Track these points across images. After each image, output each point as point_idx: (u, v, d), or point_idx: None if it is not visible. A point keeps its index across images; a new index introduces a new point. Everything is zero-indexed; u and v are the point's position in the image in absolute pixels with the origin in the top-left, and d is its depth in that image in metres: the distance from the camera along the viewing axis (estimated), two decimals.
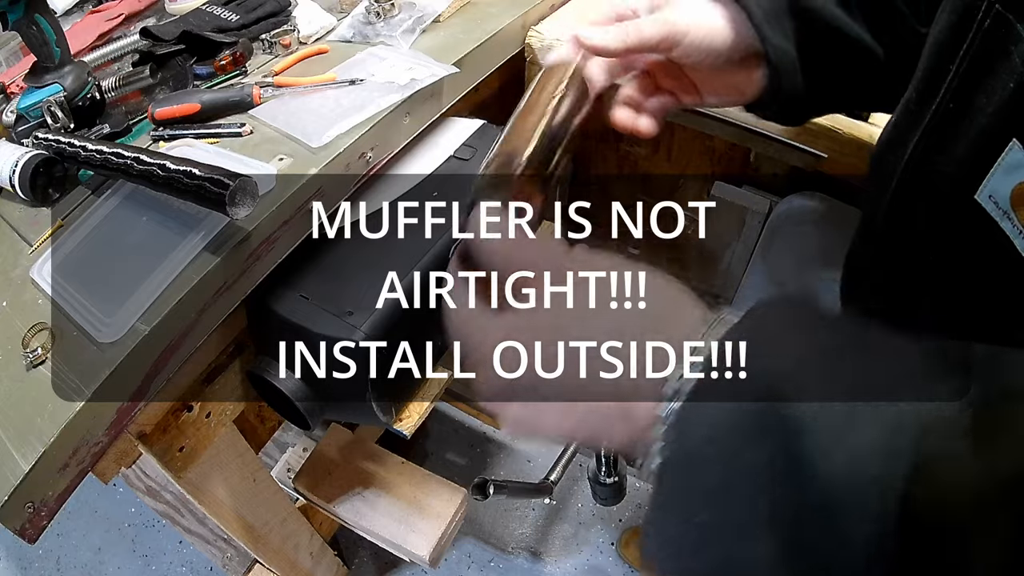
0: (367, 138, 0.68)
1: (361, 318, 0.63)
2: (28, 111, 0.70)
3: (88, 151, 0.64)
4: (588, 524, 1.51)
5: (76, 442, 0.53)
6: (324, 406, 0.69)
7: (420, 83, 0.72)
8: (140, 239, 0.62)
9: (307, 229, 0.66)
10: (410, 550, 1.01)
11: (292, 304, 0.65)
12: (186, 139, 0.70)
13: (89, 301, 0.58)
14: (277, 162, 0.65)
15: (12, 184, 0.66)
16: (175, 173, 0.57)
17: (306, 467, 1.08)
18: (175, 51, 0.79)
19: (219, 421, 0.71)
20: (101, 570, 1.51)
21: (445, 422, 1.67)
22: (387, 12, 0.81)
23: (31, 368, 0.56)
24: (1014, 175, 0.35)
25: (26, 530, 0.53)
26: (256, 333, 0.70)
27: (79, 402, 0.52)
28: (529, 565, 1.45)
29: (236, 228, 0.59)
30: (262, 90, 0.72)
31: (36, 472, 0.51)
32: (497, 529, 1.50)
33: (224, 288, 0.60)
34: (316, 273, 0.68)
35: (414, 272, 0.68)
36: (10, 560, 1.54)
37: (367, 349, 0.63)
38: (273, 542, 0.94)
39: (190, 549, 1.50)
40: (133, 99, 0.78)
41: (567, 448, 1.26)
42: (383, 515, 1.03)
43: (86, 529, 1.57)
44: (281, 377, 0.66)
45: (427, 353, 0.77)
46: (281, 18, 0.85)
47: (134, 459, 0.66)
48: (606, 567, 1.45)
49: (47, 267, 0.62)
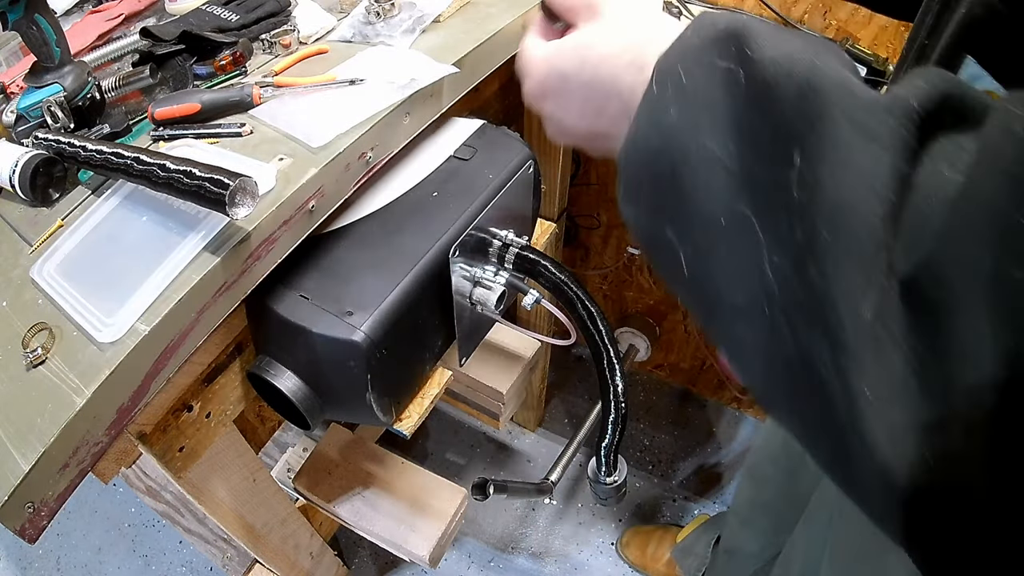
0: (367, 138, 0.68)
1: (361, 318, 0.63)
2: (28, 111, 0.70)
3: (88, 151, 0.64)
4: (588, 524, 1.51)
5: (76, 442, 0.53)
6: (324, 406, 0.69)
7: (420, 83, 0.72)
8: (140, 239, 0.62)
9: (307, 229, 0.66)
10: (410, 550, 1.01)
11: (292, 304, 0.65)
12: (186, 139, 0.70)
13: (89, 301, 0.58)
14: (277, 162, 0.65)
15: (12, 184, 0.66)
16: (175, 173, 0.57)
17: (306, 467, 1.08)
18: (175, 51, 0.79)
19: (219, 421, 0.71)
20: (101, 570, 1.51)
21: (445, 422, 1.67)
22: (387, 12, 0.81)
23: (31, 368, 0.56)
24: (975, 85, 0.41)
25: (26, 530, 0.53)
26: (256, 333, 0.70)
27: (79, 402, 0.52)
28: (529, 565, 1.45)
29: (236, 228, 0.59)
30: (262, 90, 0.72)
31: (36, 472, 0.51)
32: (497, 529, 1.50)
33: (224, 288, 0.60)
34: (316, 273, 0.68)
35: (414, 272, 0.68)
36: (10, 560, 1.54)
37: (367, 349, 0.63)
38: (273, 542, 0.94)
39: (190, 549, 1.50)
40: (133, 99, 0.78)
41: (567, 448, 1.26)
42: (383, 515, 1.03)
43: (86, 529, 1.57)
44: (281, 377, 0.67)
45: (427, 353, 0.77)
46: (281, 18, 0.85)
47: (134, 459, 0.66)
48: (606, 567, 1.45)
49: (47, 267, 0.62)
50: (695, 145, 0.29)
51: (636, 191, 0.32)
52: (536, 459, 1.62)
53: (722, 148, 0.28)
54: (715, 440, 1.65)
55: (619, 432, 0.76)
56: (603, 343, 0.73)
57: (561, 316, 0.76)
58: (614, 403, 0.75)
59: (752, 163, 0.27)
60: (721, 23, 0.30)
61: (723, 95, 0.29)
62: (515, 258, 0.75)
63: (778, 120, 0.27)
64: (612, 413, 0.75)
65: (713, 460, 1.62)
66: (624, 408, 0.75)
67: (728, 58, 0.29)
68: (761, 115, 0.27)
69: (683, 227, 0.30)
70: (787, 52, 0.27)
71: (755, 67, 0.28)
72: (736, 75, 0.28)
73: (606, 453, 0.78)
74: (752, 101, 0.28)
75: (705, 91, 0.29)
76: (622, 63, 0.35)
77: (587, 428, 1.30)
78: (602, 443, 0.78)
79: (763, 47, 0.28)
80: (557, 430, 1.66)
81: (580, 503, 1.54)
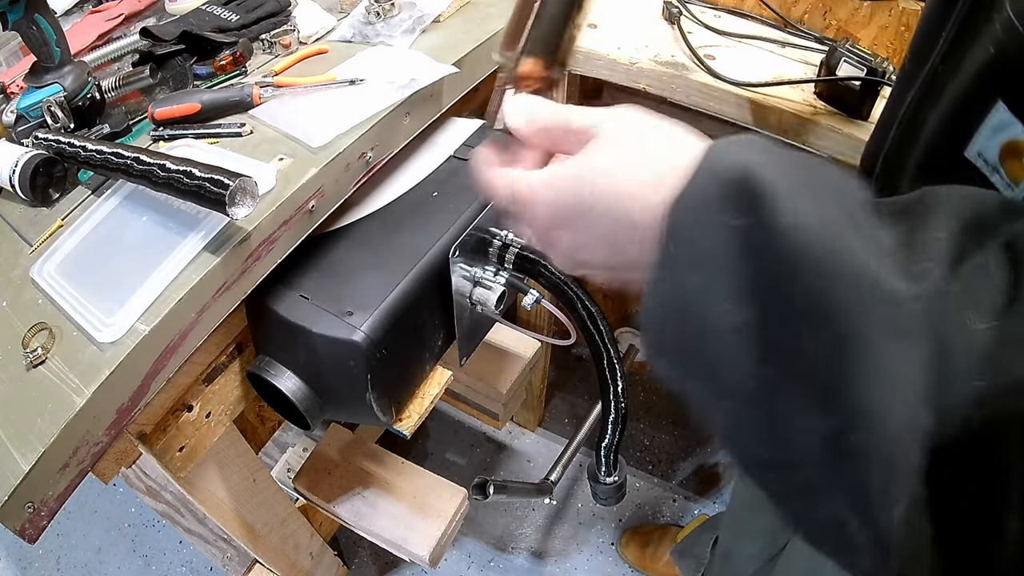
0: (367, 138, 0.68)
1: (361, 318, 0.63)
2: (28, 111, 0.70)
3: (88, 151, 0.64)
4: (588, 524, 1.51)
5: (76, 442, 0.53)
6: (324, 406, 0.69)
7: (420, 83, 0.72)
8: (140, 239, 0.62)
9: (307, 229, 0.66)
10: (410, 550, 1.01)
11: (292, 304, 0.65)
12: (186, 139, 0.70)
13: (89, 301, 0.58)
14: (277, 162, 0.65)
15: (12, 184, 0.66)
16: (175, 173, 0.57)
17: (306, 467, 1.08)
18: (175, 51, 0.79)
19: (219, 421, 0.71)
20: (101, 570, 1.51)
21: (445, 422, 1.67)
22: (387, 12, 0.82)
23: (31, 368, 0.56)
24: (1001, 134, 0.37)
25: (26, 530, 0.53)
26: (256, 333, 0.70)
27: (79, 402, 0.52)
28: (529, 565, 1.45)
29: (236, 228, 0.59)
30: (262, 90, 0.72)
31: (36, 472, 0.51)
32: (497, 529, 1.50)
33: (224, 288, 0.60)
34: (316, 273, 0.68)
35: (414, 272, 0.68)
36: (10, 560, 1.54)
37: (367, 349, 0.63)
38: (273, 542, 0.94)
39: (190, 549, 1.50)
40: (133, 99, 0.78)
41: (567, 448, 1.26)
42: (383, 515, 1.03)
43: (86, 529, 1.57)
44: (281, 377, 0.67)
45: (427, 353, 0.77)
46: (281, 18, 0.85)
47: (134, 459, 0.66)
48: (606, 567, 1.45)
49: (47, 267, 0.62)
50: (716, 311, 0.28)
51: (661, 347, 0.32)
52: (536, 459, 1.62)
53: (742, 315, 0.27)
54: (715, 440, 1.65)
55: (619, 432, 0.76)
56: (603, 343, 0.73)
57: (561, 316, 0.76)
58: (614, 403, 0.75)
59: (775, 332, 0.27)
60: (733, 168, 0.28)
61: (741, 258, 0.27)
62: (515, 258, 0.75)
63: (801, 299, 0.26)
64: (612, 413, 0.75)
65: (713, 460, 1.62)
66: (624, 408, 0.75)
67: (743, 214, 0.27)
68: (783, 288, 0.26)
69: (711, 386, 0.30)
70: (809, 223, 0.26)
71: (775, 235, 0.26)
72: (754, 238, 0.27)
73: (606, 453, 0.78)
74: (773, 272, 0.27)
75: (723, 254, 0.28)
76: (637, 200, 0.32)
77: (587, 428, 1.30)
78: (602, 443, 0.78)
79: (783, 210, 0.26)
80: (557, 430, 1.66)
81: (580, 503, 1.54)
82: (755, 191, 0.27)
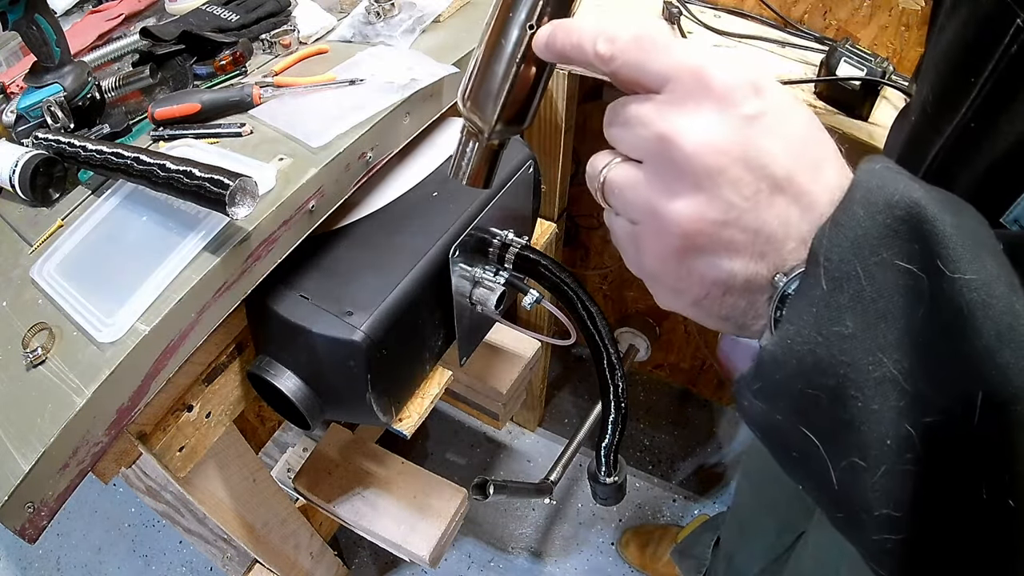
0: (367, 138, 0.68)
1: (361, 318, 0.63)
2: (28, 111, 0.70)
3: (88, 151, 0.64)
4: (588, 524, 1.51)
5: (76, 442, 0.53)
6: (324, 406, 0.69)
7: (420, 83, 0.72)
8: (140, 239, 0.62)
9: (307, 229, 0.66)
10: (410, 550, 1.01)
11: (292, 304, 0.65)
12: (186, 139, 0.70)
13: (89, 301, 0.58)
14: (277, 162, 0.65)
15: (12, 184, 0.66)
16: (175, 173, 0.57)
17: (306, 467, 1.08)
18: (175, 51, 0.79)
19: (219, 421, 0.71)
20: (101, 570, 1.51)
21: (445, 422, 1.67)
22: (387, 12, 0.81)
23: (31, 368, 0.56)
24: None
25: (26, 530, 0.53)
26: (256, 333, 0.70)
27: (79, 402, 0.52)
28: (529, 565, 1.45)
29: (236, 228, 0.59)
30: (262, 90, 0.72)
31: (36, 472, 0.51)
32: (497, 529, 1.50)
33: (224, 288, 0.60)
34: (316, 273, 0.68)
35: (414, 272, 0.68)
36: (10, 560, 1.54)
37: (367, 349, 0.63)
38: (273, 542, 0.94)
39: (190, 549, 1.50)
40: (133, 99, 0.78)
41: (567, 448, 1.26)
42: (383, 515, 1.03)
43: (86, 529, 1.57)
44: (281, 377, 0.67)
45: (427, 353, 0.77)
46: (281, 18, 0.85)
47: (134, 459, 0.66)
48: (606, 567, 1.45)
49: (47, 267, 0.62)
50: (869, 361, 0.25)
51: (776, 393, 0.28)
52: (536, 459, 1.62)
53: (897, 364, 0.25)
54: (715, 440, 1.65)
55: (619, 432, 0.76)
56: (603, 343, 0.73)
57: (561, 316, 0.76)
58: (614, 403, 0.75)
59: (927, 385, 0.25)
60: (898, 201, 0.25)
61: (903, 304, 0.25)
62: (515, 258, 0.75)
63: (967, 359, 0.24)
64: (612, 413, 0.75)
65: (713, 460, 1.62)
66: (624, 408, 0.75)
67: (910, 258, 0.25)
68: (947, 344, 0.24)
69: (838, 444, 0.27)
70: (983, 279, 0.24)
71: (946, 286, 0.24)
72: (920, 284, 0.24)
73: (606, 453, 0.78)
74: (940, 324, 0.24)
75: (886, 298, 0.25)
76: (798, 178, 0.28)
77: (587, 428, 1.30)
78: (602, 443, 0.78)
79: (956, 259, 0.24)
80: (557, 430, 1.66)
81: (580, 503, 1.54)
82: (927, 233, 0.24)
